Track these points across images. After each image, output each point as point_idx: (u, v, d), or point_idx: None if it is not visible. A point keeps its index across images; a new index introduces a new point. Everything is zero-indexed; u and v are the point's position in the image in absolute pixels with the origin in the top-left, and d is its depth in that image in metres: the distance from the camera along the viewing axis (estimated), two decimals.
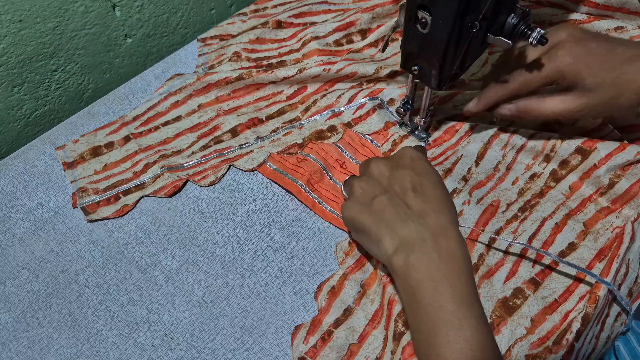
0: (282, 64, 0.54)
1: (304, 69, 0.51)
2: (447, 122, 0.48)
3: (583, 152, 0.42)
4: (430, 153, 0.47)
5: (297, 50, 0.55)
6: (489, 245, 0.40)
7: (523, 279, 0.38)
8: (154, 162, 0.47)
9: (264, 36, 0.56)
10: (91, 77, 0.56)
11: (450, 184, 0.44)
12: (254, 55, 0.54)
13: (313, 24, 0.57)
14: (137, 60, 0.60)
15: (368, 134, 0.48)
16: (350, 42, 0.56)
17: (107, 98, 0.52)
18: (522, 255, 0.39)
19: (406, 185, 0.36)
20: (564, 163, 0.43)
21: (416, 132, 0.47)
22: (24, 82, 0.50)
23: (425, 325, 0.31)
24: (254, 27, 0.56)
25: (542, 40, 0.36)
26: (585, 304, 0.36)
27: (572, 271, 0.38)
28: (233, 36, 0.57)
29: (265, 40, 0.56)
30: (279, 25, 0.57)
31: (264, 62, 0.54)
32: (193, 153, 0.48)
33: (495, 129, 0.45)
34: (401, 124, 0.48)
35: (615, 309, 0.37)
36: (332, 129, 0.48)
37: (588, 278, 0.37)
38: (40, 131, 0.55)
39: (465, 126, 0.47)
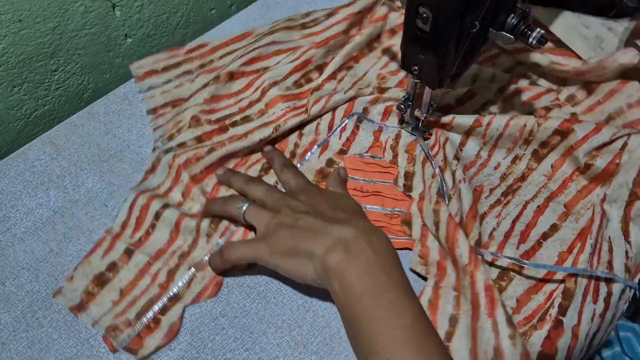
0: (246, 119, 0.49)
1: (280, 126, 0.46)
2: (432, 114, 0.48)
3: (561, 133, 0.43)
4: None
5: (258, 100, 0.50)
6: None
7: (508, 261, 0.39)
8: (177, 266, 0.41)
9: (218, 92, 0.50)
10: (91, 77, 0.56)
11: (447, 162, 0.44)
12: (213, 117, 0.49)
13: (266, 69, 0.52)
14: (137, 60, 0.60)
15: (365, 153, 0.47)
16: (309, 80, 0.52)
17: (107, 98, 0.52)
18: (506, 237, 0.40)
19: (323, 206, 0.39)
20: (544, 144, 0.44)
21: (417, 128, 0.47)
22: (24, 82, 0.50)
23: (365, 317, 0.32)
24: (205, 85, 0.50)
25: (542, 40, 0.36)
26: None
27: (555, 252, 0.40)
28: (185, 99, 0.50)
29: (221, 97, 0.50)
30: (232, 77, 0.51)
31: (227, 122, 0.48)
32: (209, 237, 0.42)
33: (475, 118, 0.45)
34: (402, 122, 0.48)
35: (617, 286, 0.37)
36: (330, 162, 0.46)
37: (569, 258, 0.39)
38: (40, 131, 0.55)
39: (445, 118, 0.46)
